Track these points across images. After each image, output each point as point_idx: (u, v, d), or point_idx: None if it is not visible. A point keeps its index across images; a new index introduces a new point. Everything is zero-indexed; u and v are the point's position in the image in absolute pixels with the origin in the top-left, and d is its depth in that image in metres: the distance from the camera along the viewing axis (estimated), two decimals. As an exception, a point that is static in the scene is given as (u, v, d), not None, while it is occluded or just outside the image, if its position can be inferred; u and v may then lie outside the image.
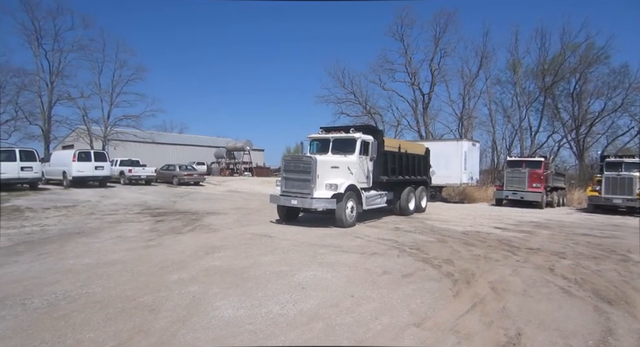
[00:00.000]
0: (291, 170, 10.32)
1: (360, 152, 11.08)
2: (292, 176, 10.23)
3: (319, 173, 9.88)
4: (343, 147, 11.17)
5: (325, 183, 9.91)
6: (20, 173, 17.72)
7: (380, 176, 11.70)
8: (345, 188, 10.07)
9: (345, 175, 10.53)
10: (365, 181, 11.35)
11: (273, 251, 7.45)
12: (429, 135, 35.12)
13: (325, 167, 10.12)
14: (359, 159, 11.08)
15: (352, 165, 10.87)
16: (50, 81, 32.64)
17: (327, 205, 9.95)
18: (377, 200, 11.76)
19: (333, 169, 10.35)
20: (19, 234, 8.76)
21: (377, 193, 11.79)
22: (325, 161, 10.29)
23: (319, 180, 9.88)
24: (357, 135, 11.13)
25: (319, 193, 9.85)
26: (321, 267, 6.30)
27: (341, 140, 11.32)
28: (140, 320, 4.07)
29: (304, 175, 9.96)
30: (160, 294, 4.86)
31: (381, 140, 11.82)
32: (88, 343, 3.54)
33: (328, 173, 10.12)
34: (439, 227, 11.05)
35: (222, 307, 4.48)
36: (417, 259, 6.92)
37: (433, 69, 35.77)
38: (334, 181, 10.00)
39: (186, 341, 3.63)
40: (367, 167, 11.41)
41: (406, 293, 5.07)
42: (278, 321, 4.11)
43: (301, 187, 10.00)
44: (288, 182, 10.32)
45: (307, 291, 5.06)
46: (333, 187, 9.87)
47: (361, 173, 11.16)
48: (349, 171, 10.74)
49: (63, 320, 4.02)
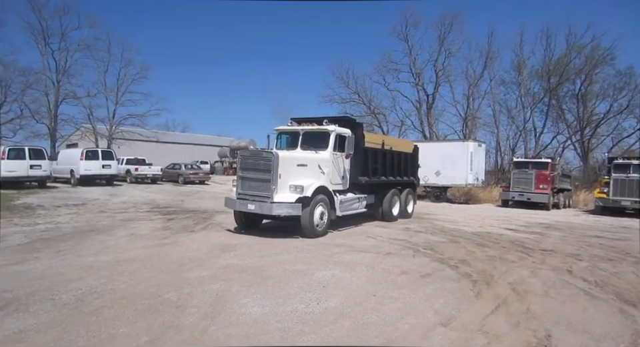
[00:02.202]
0: (248, 168, 8.60)
1: (334, 148, 9.41)
2: (250, 175, 8.55)
3: (282, 172, 8.25)
4: (315, 142, 9.48)
5: (288, 185, 8.31)
6: (29, 171, 17.80)
7: (359, 177, 10.06)
8: (313, 190, 8.42)
9: (314, 175, 8.92)
10: (340, 182, 9.73)
11: (288, 250, 7.49)
12: (433, 136, 35.14)
13: (290, 165, 8.50)
14: (333, 156, 9.40)
15: (324, 163, 9.21)
16: (56, 79, 32.78)
17: (290, 210, 8.20)
18: (355, 204, 10.16)
19: (300, 168, 8.73)
20: (34, 231, 8.81)
21: (355, 196, 10.16)
22: (289, 158, 8.68)
23: (282, 181, 8.25)
24: (330, 127, 9.39)
25: (280, 197, 8.22)
26: (338, 266, 6.34)
27: (312, 133, 9.59)
28: (169, 316, 4.11)
29: (263, 174, 8.30)
30: (183, 291, 4.90)
31: (361, 134, 10.16)
32: (122, 337, 3.59)
33: (293, 173, 8.51)
34: (449, 228, 11.08)
35: (247, 304, 4.51)
36: (432, 260, 6.95)
37: (437, 70, 35.79)
38: (300, 182, 8.34)
39: (217, 337, 3.66)
40: (342, 165, 9.75)
41: (427, 293, 5.11)
42: (305, 319, 4.15)
43: (260, 188, 8.34)
44: (245, 183, 8.64)
45: (329, 290, 5.10)
46: (298, 190, 8.25)
47: (334, 172, 9.51)
48: (320, 170, 9.11)
49: (93, 315, 4.06)
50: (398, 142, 13.55)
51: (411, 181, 13.00)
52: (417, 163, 13.62)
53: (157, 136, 37.25)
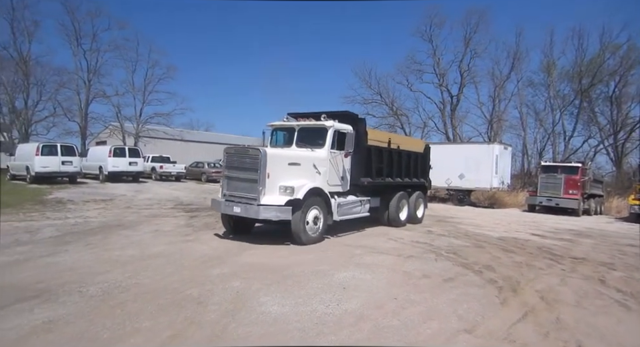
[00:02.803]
0: (234, 167, 7.87)
1: (332, 145, 8.57)
2: (236, 175, 7.78)
3: (270, 171, 7.44)
4: (311, 139, 8.69)
5: (278, 185, 7.51)
6: (61, 167, 18.52)
7: (360, 178, 9.20)
8: (305, 192, 7.57)
9: (308, 175, 8.09)
10: (339, 183, 8.87)
11: (308, 249, 7.49)
12: (457, 138, 34.47)
13: (279, 164, 7.68)
14: (331, 155, 8.55)
15: (320, 162, 8.36)
16: (87, 79, 33.95)
17: (278, 214, 7.36)
18: (356, 208, 9.27)
19: (292, 167, 7.89)
20: (65, 225, 9.14)
21: (357, 199, 9.30)
22: (279, 156, 7.92)
23: (270, 181, 7.43)
24: (328, 123, 8.56)
25: (269, 199, 7.39)
26: (359, 268, 6.27)
27: (309, 130, 8.80)
28: (190, 312, 4.16)
29: (249, 173, 7.51)
30: (205, 288, 4.96)
31: (363, 131, 9.29)
32: (145, 331, 3.65)
33: (284, 172, 7.69)
34: (473, 232, 10.81)
35: (267, 303, 4.52)
36: (455, 264, 6.79)
37: (462, 70, 35.04)
38: (290, 183, 7.53)
39: (238, 335, 3.68)
40: (341, 165, 8.89)
41: (450, 298, 4.98)
42: (325, 320, 4.11)
43: (246, 189, 7.55)
44: (231, 183, 7.89)
45: (349, 292, 5.05)
46: (288, 191, 7.44)
47: (332, 172, 8.64)
48: (315, 169, 8.26)
49: (119, 308, 4.16)
50: (407, 140, 12.55)
51: (421, 183, 11.97)
52: (429, 164, 12.56)
53: (181, 135, 38.09)
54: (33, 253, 6.44)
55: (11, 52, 30.53)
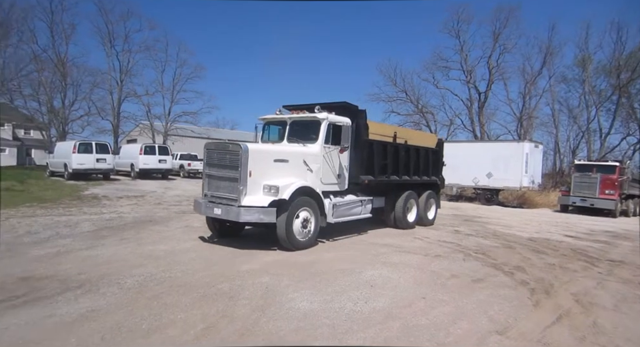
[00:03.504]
0: (214, 164, 7.15)
1: (326, 140, 7.77)
2: (216, 173, 7.10)
3: (253, 169, 6.73)
4: (304, 133, 7.94)
5: (262, 185, 6.81)
6: (96, 164, 19.35)
7: (360, 175, 8.40)
8: (292, 192, 6.82)
9: (298, 173, 7.38)
10: (335, 181, 8.09)
11: (335, 247, 7.53)
12: (484, 136, 33.62)
13: (264, 161, 6.97)
14: (325, 151, 7.75)
15: (312, 158, 7.60)
16: (120, 79, 35.28)
17: (261, 217, 6.63)
18: (355, 209, 8.49)
19: (279, 164, 7.16)
20: (100, 220, 9.55)
21: (356, 199, 8.52)
22: (262, 152, 7.19)
23: (253, 180, 6.73)
24: (321, 115, 7.74)
25: (250, 200, 6.67)
26: (386, 266, 6.27)
27: (301, 123, 8.07)
28: (222, 306, 4.28)
29: (230, 171, 6.82)
30: (235, 283, 5.08)
31: (364, 124, 8.45)
32: (181, 323, 3.79)
33: (269, 170, 6.98)
34: (502, 232, 10.55)
35: (296, 299, 4.59)
36: (485, 265, 6.66)
37: (490, 67, 34.10)
38: (275, 182, 6.81)
39: (268, 329, 3.76)
40: (338, 161, 8.06)
41: (480, 299, 4.90)
42: (353, 317, 4.14)
43: (227, 189, 6.86)
44: (212, 182, 7.19)
45: (376, 290, 5.06)
46: (272, 191, 6.72)
47: (327, 170, 7.85)
48: (306, 166, 7.52)
49: (155, 300, 4.34)
50: (416, 135, 11.41)
51: (433, 181, 11.01)
52: (442, 160, 11.56)
53: (208, 133, 39.01)
54: (73, 246, 6.79)
55: (50, 54, 32.08)
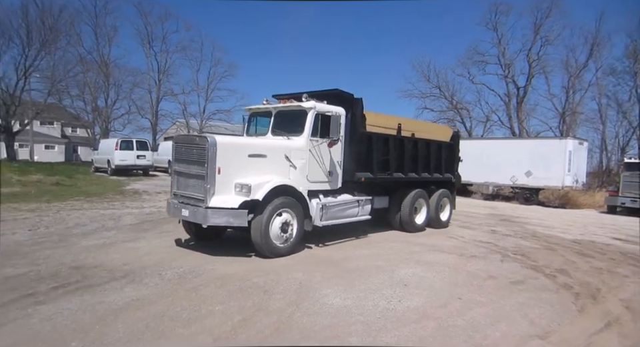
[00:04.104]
0: (182, 159, 6.37)
1: (313, 132, 6.88)
2: (185, 170, 6.30)
3: (222, 165, 5.91)
4: (289, 125, 7.10)
5: (234, 183, 6.03)
6: (136, 160, 20.30)
7: (356, 173, 7.55)
8: (267, 191, 5.99)
9: (279, 170, 6.55)
10: (325, 179, 7.19)
11: (368, 244, 7.51)
12: (523, 132, 32.27)
13: (236, 156, 6.16)
14: (311, 144, 6.87)
15: (295, 152, 6.73)
16: (158, 79, 36.78)
17: (230, 220, 5.84)
18: (351, 210, 7.60)
19: (255, 160, 6.31)
20: (141, 214, 10.01)
21: (352, 199, 7.62)
22: (234, 145, 6.40)
23: (222, 177, 5.92)
24: (308, 104, 6.88)
25: (219, 200, 5.85)
26: (419, 265, 6.18)
27: (287, 113, 7.21)
28: (257, 299, 4.38)
29: (197, 168, 6.02)
30: (269, 277, 5.18)
31: (360, 114, 7.52)
32: (218, 314, 3.92)
33: (243, 166, 6.17)
34: (543, 233, 10.11)
35: (329, 295, 4.62)
36: (524, 266, 6.42)
37: (530, 60, 32.65)
38: (247, 180, 6.02)
39: (303, 324, 3.81)
40: (328, 157, 7.16)
41: (519, 301, 4.74)
42: (387, 315, 4.12)
43: (195, 188, 6.10)
44: (180, 180, 6.41)
45: (410, 289, 5.00)
46: (244, 190, 5.93)
47: (314, 166, 6.97)
48: (288, 162, 6.66)
49: (193, 292, 4.51)
50: (426, 127, 10.14)
51: (446, 179, 9.97)
52: (457, 156, 10.52)
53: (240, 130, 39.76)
54: (117, 238, 7.16)
55: (95, 56, 33.85)
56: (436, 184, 9.81)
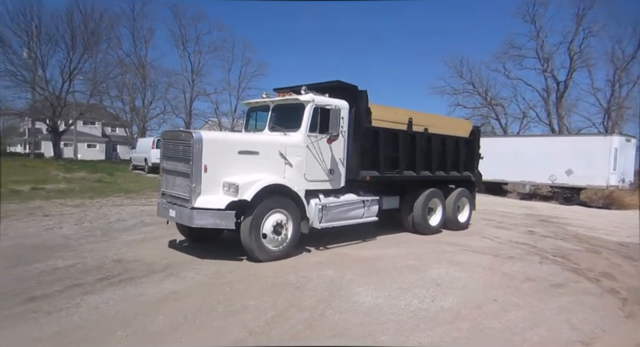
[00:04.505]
0: (170, 156, 6.07)
1: (311, 127, 6.42)
2: (172, 167, 6.00)
3: (209, 162, 5.56)
4: (287, 119, 6.68)
5: (222, 182, 5.65)
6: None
7: (360, 171, 7.02)
8: (256, 191, 5.58)
9: (273, 168, 6.14)
10: (326, 178, 6.73)
11: (397, 243, 7.43)
12: (563, 129, 30.81)
13: (225, 153, 5.78)
14: (309, 140, 6.42)
15: (292, 149, 6.31)
16: (191, 79, 37.89)
17: (217, 221, 5.48)
18: (355, 211, 7.11)
19: (246, 157, 5.90)
20: (177, 210, 10.34)
21: (356, 199, 7.14)
22: (222, 142, 6.06)
23: (209, 176, 5.56)
24: (305, 97, 6.44)
25: (205, 200, 5.49)
26: (453, 265, 6.05)
27: (284, 107, 6.80)
28: (290, 296, 4.44)
29: (184, 166, 5.70)
30: (301, 274, 5.24)
31: (364, 108, 6.98)
32: (253, 309, 4.01)
33: (233, 164, 5.79)
34: (585, 234, 9.63)
35: (361, 293, 4.62)
36: (565, 269, 6.16)
37: (572, 53, 31.09)
38: (235, 179, 5.60)
39: (335, 322, 3.83)
40: (328, 153, 6.69)
41: (560, 305, 4.55)
42: (420, 315, 4.07)
43: (181, 187, 5.78)
44: (168, 178, 6.11)
45: (443, 289, 4.91)
46: (231, 190, 5.54)
47: (313, 163, 6.51)
48: (284, 160, 6.23)
49: (228, 286, 4.63)
50: (442, 121, 9.24)
51: (465, 177, 9.35)
52: (478, 152, 9.77)
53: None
54: (155, 233, 7.45)
55: (132, 58, 35.29)
56: (453, 183, 9.37)
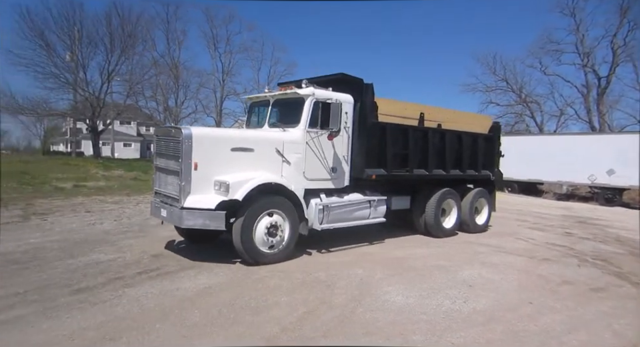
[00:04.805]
0: (162, 154, 5.89)
1: (311, 123, 6.11)
2: (164, 165, 5.82)
3: (199, 159, 5.32)
4: (287, 115, 6.41)
5: (214, 180, 5.40)
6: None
7: (366, 169, 6.64)
8: (248, 190, 5.32)
9: (270, 166, 5.85)
10: (328, 176, 6.41)
11: (427, 243, 7.35)
12: (605, 127, 29.26)
13: (217, 150, 5.52)
14: (309, 136, 6.11)
15: (290, 146, 6.01)
16: (222, 79, 38.62)
17: (207, 222, 5.21)
18: (360, 212, 6.74)
19: (240, 154, 5.64)
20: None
21: (362, 199, 6.78)
22: (214, 138, 5.72)
23: (200, 174, 5.32)
24: (305, 91, 6.15)
25: (195, 200, 5.26)
26: (485, 267, 5.93)
27: (284, 102, 6.53)
28: (320, 293, 4.50)
29: (174, 163, 5.50)
30: (330, 272, 5.29)
31: (369, 103, 6.61)
32: (284, 305, 4.09)
33: (226, 162, 5.52)
34: (627, 237, 9.15)
35: (391, 292, 4.61)
36: (606, 272, 5.90)
37: (615, 47, 29.35)
38: (226, 178, 5.32)
39: (365, 320, 3.85)
40: (331, 151, 6.39)
41: (601, 310, 4.37)
42: (452, 316, 4.02)
43: (172, 186, 5.58)
44: (161, 176, 5.93)
45: (476, 290, 4.83)
46: (222, 189, 5.28)
47: (313, 161, 6.20)
48: (281, 157, 5.94)
49: (260, 283, 4.74)
50: (458, 116, 8.43)
51: (484, 176, 8.77)
52: (498, 150, 9.23)
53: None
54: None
55: (166, 59, 36.42)
56: (471, 182, 8.88)
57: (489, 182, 9.04)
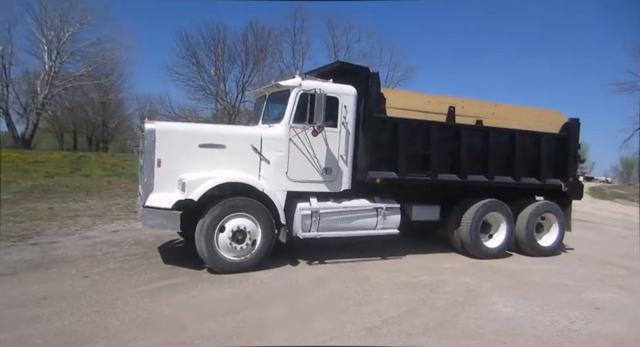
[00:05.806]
0: (140, 150, 5.77)
1: (296, 117, 5.52)
2: (141, 161, 5.65)
3: (163, 156, 5.05)
4: (279, 109, 5.83)
5: (179, 179, 5.09)
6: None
7: (369, 171, 5.78)
8: (206, 190, 4.88)
9: (245, 164, 5.34)
10: (319, 178, 5.68)
11: (548, 260, 6.74)
12: None
13: (183, 146, 5.18)
14: (293, 132, 5.51)
15: (269, 142, 5.46)
16: (342, 85, 40.40)
17: (164, 223, 4.93)
18: (362, 221, 5.90)
19: (210, 151, 5.24)
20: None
21: (367, 205, 5.94)
22: (179, 133, 5.39)
23: (164, 171, 5.05)
24: (291, 82, 5.66)
25: (156, 198, 4.98)
26: (622, 291, 5.24)
27: (277, 96, 5.97)
28: (423, 295, 4.64)
29: (142, 159, 5.38)
30: (436, 277, 5.35)
31: (374, 94, 5.77)
32: (386, 302, 4.38)
33: (194, 159, 5.17)
34: None
35: (498, 303, 4.50)
36: None
37: None
38: (185, 176, 4.99)
39: (467, 325, 3.89)
40: (324, 149, 5.68)
41: None
42: (567, 335, 3.76)
43: (141, 183, 5.49)
44: (142, 173, 5.59)
45: (604, 314, 4.36)
46: (180, 187, 5.01)
47: (299, 160, 5.56)
48: (258, 155, 5.40)
49: (365, 280, 5.11)
50: (508, 110, 6.91)
51: (553, 186, 7.11)
52: (575, 154, 7.36)
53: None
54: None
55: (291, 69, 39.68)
56: (535, 193, 7.35)
57: (560, 193, 7.27)
